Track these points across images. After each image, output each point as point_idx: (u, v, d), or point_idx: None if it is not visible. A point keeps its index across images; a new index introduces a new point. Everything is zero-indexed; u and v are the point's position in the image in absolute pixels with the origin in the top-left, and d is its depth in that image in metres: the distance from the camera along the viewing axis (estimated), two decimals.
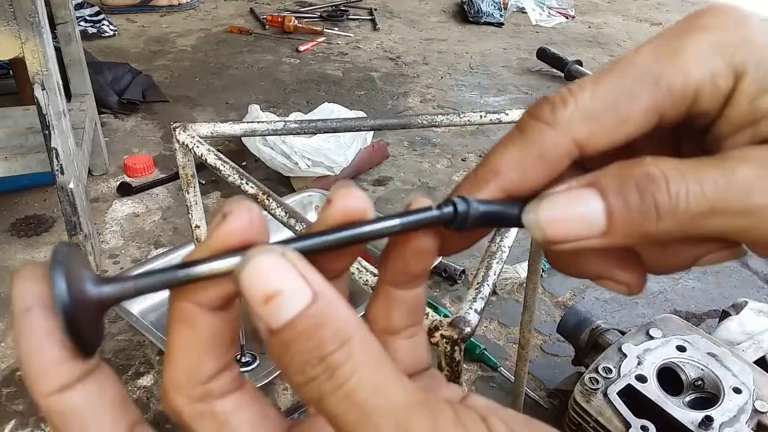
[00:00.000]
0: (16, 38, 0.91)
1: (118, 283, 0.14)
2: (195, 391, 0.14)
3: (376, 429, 0.12)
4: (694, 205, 0.14)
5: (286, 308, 0.12)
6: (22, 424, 0.86)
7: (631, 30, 2.42)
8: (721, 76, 0.14)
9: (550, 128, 0.15)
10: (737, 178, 0.14)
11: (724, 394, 0.68)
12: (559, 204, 0.15)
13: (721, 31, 0.15)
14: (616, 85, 0.15)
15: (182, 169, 0.57)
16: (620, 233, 0.14)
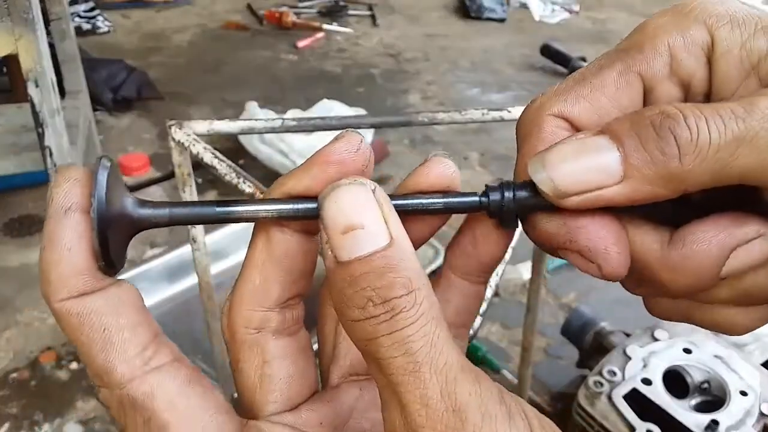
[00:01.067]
0: (9, 35, 0.89)
1: (154, 209, 0.14)
2: (256, 314, 0.15)
3: (422, 380, 0.12)
4: (717, 137, 0.13)
5: (364, 243, 0.12)
6: (16, 427, 0.85)
7: (636, 25, 2.40)
8: (692, 29, 0.14)
9: (529, 120, 0.15)
10: (759, 107, 0.13)
11: (731, 397, 0.67)
12: (568, 151, 0.14)
13: (687, 3, 0.15)
14: (586, 66, 0.16)
15: (178, 167, 0.55)
16: (639, 180, 0.13)
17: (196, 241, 0.57)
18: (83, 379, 0.92)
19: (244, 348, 0.15)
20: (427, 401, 0.12)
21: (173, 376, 0.14)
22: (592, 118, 0.15)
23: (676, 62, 0.14)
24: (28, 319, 1.02)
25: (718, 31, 0.14)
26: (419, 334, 0.12)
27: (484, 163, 1.46)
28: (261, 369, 0.15)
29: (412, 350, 0.12)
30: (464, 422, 0.12)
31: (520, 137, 0.16)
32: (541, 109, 0.15)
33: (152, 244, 1.19)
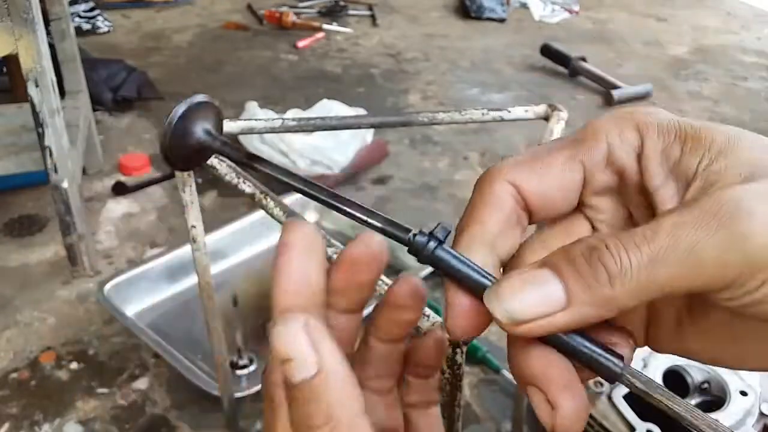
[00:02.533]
0: (9, 35, 0.89)
1: (216, 140, 0.18)
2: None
3: None
4: (636, 262, 0.15)
5: (294, 373, 0.15)
6: (16, 427, 0.85)
7: (637, 26, 2.40)
8: (626, 132, 0.17)
9: (486, 179, 0.18)
10: (662, 228, 0.15)
11: (730, 397, 0.67)
12: (517, 284, 0.16)
13: (625, 111, 0.18)
14: (542, 147, 0.18)
15: None
16: (581, 302, 0.15)
17: (196, 241, 0.57)
18: (83, 379, 0.92)
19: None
20: None
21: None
22: (536, 189, 0.18)
23: (612, 155, 0.18)
24: (28, 319, 1.02)
25: (646, 136, 0.17)
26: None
27: (484, 163, 1.46)
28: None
29: None
30: None
31: (475, 191, 0.18)
32: (498, 174, 0.18)
33: (153, 244, 1.19)
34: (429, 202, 1.33)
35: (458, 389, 0.39)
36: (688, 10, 2.58)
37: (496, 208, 0.17)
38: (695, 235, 0.14)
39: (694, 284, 0.15)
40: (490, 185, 0.18)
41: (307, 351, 0.15)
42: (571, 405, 0.16)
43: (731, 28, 2.43)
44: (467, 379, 0.90)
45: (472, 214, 0.18)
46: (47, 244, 1.16)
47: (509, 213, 0.17)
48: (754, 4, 2.64)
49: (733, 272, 0.14)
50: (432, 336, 0.20)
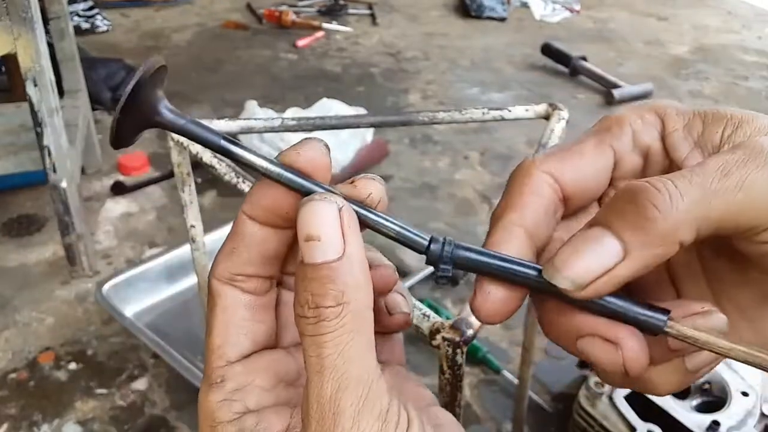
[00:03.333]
0: (8, 34, 0.89)
1: (175, 115, 0.16)
2: (225, 275, 0.18)
3: (322, 381, 0.15)
4: (686, 193, 0.15)
5: (317, 253, 0.15)
6: (15, 427, 0.85)
7: (638, 25, 2.40)
8: (647, 115, 0.18)
9: (518, 174, 0.18)
10: (709, 166, 0.15)
11: (732, 397, 0.67)
12: (567, 249, 0.16)
13: (644, 103, 0.19)
14: (569, 141, 0.19)
15: (177, 167, 0.55)
16: (639, 248, 0.15)
17: (195, 241, 0.57)
18: (82, 379, 0.91)
19: (214, 295, 0.18)
20: (320, 399, 0.15)
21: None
22: (573, 176, 0.18)
23: (637, 137, 0.18)
24: (26, 319, 1.01)
25: (666, 117, 0.18)
26: (332, 343, 0.15)
27: (484, 162, 1.46)
28: (225, 313, 0.18)
29: (323, 354, 0.15)
30: (336, 425, 0.14)
31: (511, 182, 0.18)
32: (533, 165, 0.18)
33: (152, 244, 1.19)
34: (429, 201, 1.32)
35: (458, 389, 0.38)
36: (689, 10, 2.57)
37: (536, 196, 0.17)
38: (744, 169, 0.15)
39: (744, 218, 0.15)
40: (528, 175, 0.18)
41: (336, 234, 0.15)
42: (634, 340, 0.16)
43: (732, 27, 2.42)
44: (467, 380, 0.89)
45: (510, 202, 0.17)
46: (46, 244, 1.16)
47: (548, 201, 0.17)
48: (755, 4, 2.64)
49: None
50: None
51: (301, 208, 0.15)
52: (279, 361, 0.18)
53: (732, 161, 0.15)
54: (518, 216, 0.17)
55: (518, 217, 0.17)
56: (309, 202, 0.15)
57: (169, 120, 0.16)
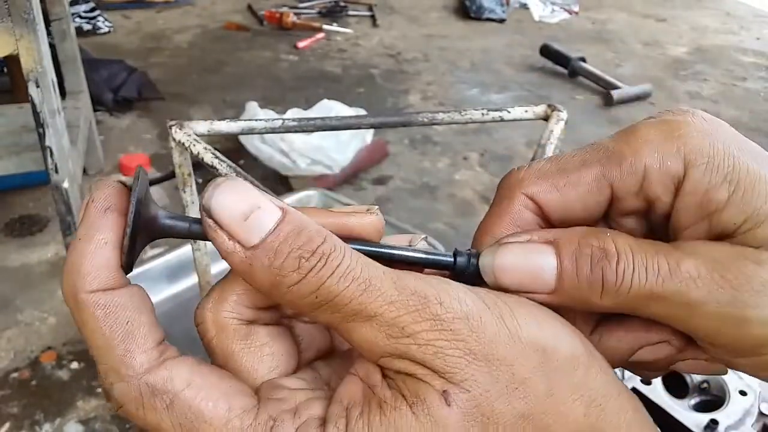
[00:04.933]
0: (10, 35, 0.89)
1: (177, 221, 0.16)
2: (247, 312, 0.16)
3: (376, 288, 0.14)
4: (636, 288, 0.15)
5: (268, 219, 0.14)
6: (17, 427, 0.85)
7: (636, 26, 2.40)
8: (670, 159, 0.16)
9: (505, 190, 0.18)
10: (680, 270, 0.15)
11: (730, 396, 0.67)
12: (514, 254, 0.16)
13: (678, 123, 0.16)
14: (572, 155, 0.17)
15: (178, 167, 0.55)
16: (566, 296, 0.16)
17: (196, 242, 0.57)
18: (84, 379, 0.92)
19: (238, 338, 0.16)
20: (389, 299, 0.14)
21: (184, 361, 0.15)
22: (557, 207, 0.17)
23: (647, 183, 0.16)
24: (28, 318, 1.02)
25: (692, 170, 0.16)
26: (353, 262, 0.14)
27: (483, 163, 1.47)
28: (261, 351, 0.16)
29: (357, 274, 0.14)
30: (426, 297, 0.14)
31: (496, 198, 0.18)
32: (519, 186, 0.17)
33: (152, 244, 1.19)
34: (429, 202, 1.33)
35: None
36: (688, 11, 2.58)
37: (512, 224, 0.17)
38: (698, 294, 0.15)
39: (685, 328, 0.16)
40: (509, 198, 0.17)
41: (266, 196, 0.14)
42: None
43: (730, 28, 2.43)
44: None
45: (487, 227, 0.18)
46: (48, 244, 1.16)
47: (524, 227, 0.17)
48: (754, 5, 2.64)
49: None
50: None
51: (215, 194, 0.14)
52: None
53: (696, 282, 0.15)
54: (491, 242, 0.17)
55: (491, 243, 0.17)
56: (221, 185, 0.14)
57: (172, 228, 0.15)
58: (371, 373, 0.15)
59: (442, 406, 0.14)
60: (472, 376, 0.14)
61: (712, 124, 0.16)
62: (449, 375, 0.14)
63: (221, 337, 0.16)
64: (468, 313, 0.14)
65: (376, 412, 0.14)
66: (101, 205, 0.15)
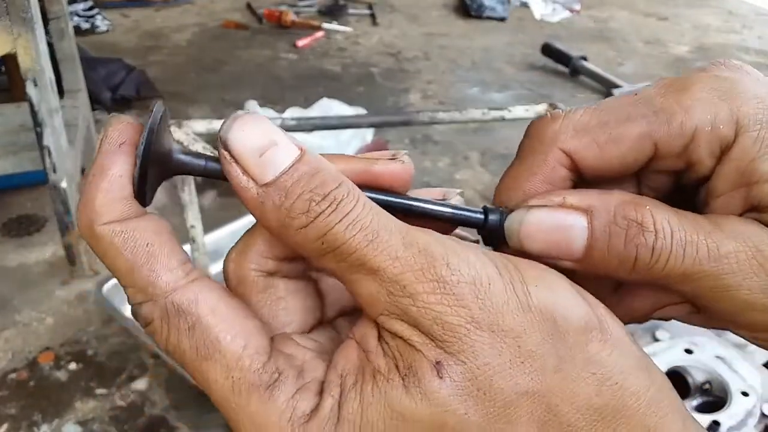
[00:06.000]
0: (8, 34, 0.89)
1: (193, 157, 0.15)
2: (269, 263, 0.16)
3: (384, 241, 0.13)
4: (671, 267, 0.15)
5: (284, 157, 0.13)
6: (15, 428, 0.85)
7: (638, 25, 2.39)
8: (722, 123, 0.15)
9: (538, 142, 0.16)
10: (719, 253, 0.14)
11: (732, 397, 0.67)
12: (545, 221, 0.15)
13: (733, 82, 0.15)
14: (614, 106, 0.16)
15: None
16: (593, 266, 0.15)
17: (195, 241, 0.57)
18: (82, 379, 0.91)
19: (256, 290, 0.16)
20: (395, 254, 0.13)
21: (211, 287, 0.15)
22: (594, 163, 0.16)
23: (694, 145, 0.15)
24: (26, 319, 1.01)
25: (742, 136, 0.15)
26: (365, 210, 0.14)
27: (484, 162, 1.46)
28: (276, 305, 0.16)
29: (366, 224, 0.13)
30: (433, 256, 0.13)
31: (526, 149, 0.16)
32: (555, 139, 0.16)
33: None
34: None
35: None
36: (690, 9, 2.57)
37: (545, 182, 0.16)
38: (734, 279, 0.14)
39: (707, 308, 0.15)
40: (543, 152, 0.16)
41: (285, 134, 0.14)
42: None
43: (733, 27, 2.42)
44: None
45: (518, 182, 0.16)
46: (46, 244, 1.15)
47: (558, 185, 0.16)
48: (756, 3, 2.63)
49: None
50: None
51: (232, 127, 0.13)
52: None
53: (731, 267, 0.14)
54: (523, 198, 0.16)
55: (523, 199, 0.16)
56: (238, 119, 0.14)
57: (188, 165, 0.15)
58: (368, 336, 0.14)
59: (433, 378, 0.13)
60: (471, 347, 0.13)
61: (766, 87, 0.15)
62: (446, 344, 0.13)
63: (240, 288, 0.16)
64: (476, 277, 0.13)
65: (369, 382, 0.14)
66: (115, 139, 0.14)
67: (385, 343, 0.14)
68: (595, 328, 0.14)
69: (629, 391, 0.14)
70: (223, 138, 0.14)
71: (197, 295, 0.14)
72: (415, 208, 0.15)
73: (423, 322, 0.13)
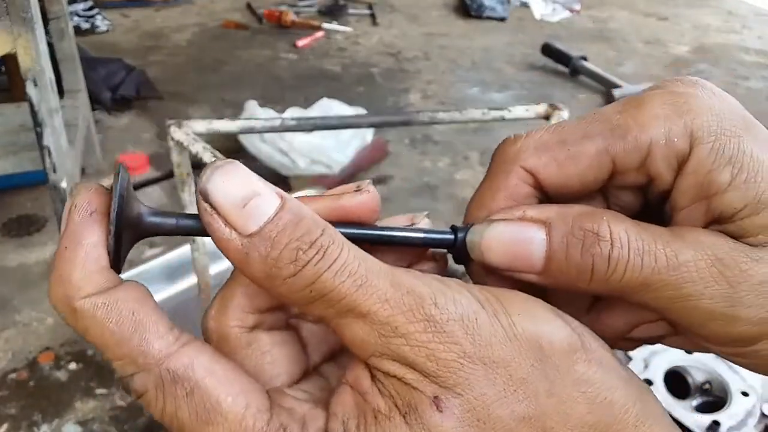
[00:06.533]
0: (8, 34, 0.89)
1: (164, 218, 0.15)
2: (250, 317, 0.16)
3: (372, 285, 0.14)
4: (629, 278, 0.15)
5: (266, 207, 0.13)
6: (15, 428, 0.85)
7: (638, 25, 2.39)
8: (677, 136, 0.15)
9: (501, 161, 0.17)
10: (678, 262, 0.14)
11: (732, 397, 0.67)
12: (504, 234, 0.16)
13: (687, 97, 0.16)
14: (572, 126, 0.16)
15: (177, 167, 0.55)
16: (553, 279, 0.15)
17: (195, 242, 0.57)
18: (82, 379, 0.91)
19: (240, 347, 0.16)
20: (384, 297, 0.14)
21: (203, 349, 0.15)
22: (556, 180, 0.16)
23: (651, 160, 0.16)
24: (26, 319, 1.01)
25: (697, 149, 0.15)
26: (351, 256, 0.14)
27: (484, 162, 1.46)
28: (262, 359, 0.16)
29: (354, 269, 0.14)
30: (421, 297, 0.14)
31: (491, 169, 0.17)
32: (517, 158, 0.16)
33: (152, 244, 1.19)
34: (429, 201, 1.32)
35: None
36: (690, 9, 2.57)
37: (508, 199, 0.17)
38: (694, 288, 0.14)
39: (670, 318, 0.15)
40: (505, 171, 0.16)
41: (265, 183, 0.14)
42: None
43: (732, 27, 2.42)
44: None
45: (483, 200, 0.17)
46: (46, 244, 1.16)
47: (521, 201, 0.17)
48: (756, 3, 2.64)
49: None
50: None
51: (212, 178, 0.13)
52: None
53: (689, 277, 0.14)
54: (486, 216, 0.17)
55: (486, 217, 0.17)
56: (218, 169, 0.13)
57: (159, 226, 0.15)
58: (361, 378, 0.14)
59: (434, 412, 0.13)
60: (466, 379, 0.13)
61: (721, 100, 0.16)
62: (441, 379, 0.13)
63: (223, 346, 0.16)
64: (463, 314, 0.14)
65: (372, 423, 0.14)
66: (84, 209, 0.14)
67: (380, 382, 0.14)
68: (578, 348, 0.14)
69: (618, 405, 0.14)
70: (203, 190, 0.14)
71: (192, 359, 0.14)
72: (387, 238, 0.16)
73: (417, 360, 0.13)
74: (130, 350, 0.14)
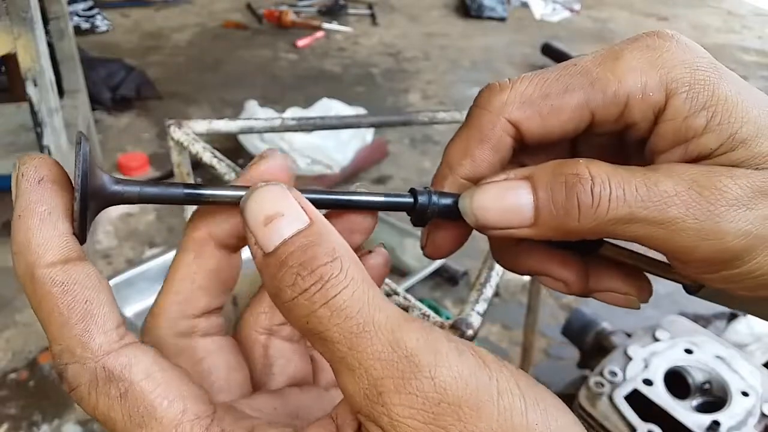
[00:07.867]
0: (8, 34, 0.89)
1: (125, 186, 0.15)
2: (182, 323, 0.16)
3: (368, 338, 0.12)
4: (614, 209, 0.15)
5: (285, 227, 0.13)
6: (15, 428, 0.85)
7: (638, 25, 2.40)
8: (652, 90, 0.16)
9: (487, 111, 0.17)
10: (658, 189, 0.15)
11: (732, 397, 0.67)
12: (491, 193, 0.16)
13: (662, 51, 0.16)
14: (554, 78, 0.17)
15: (177, 167, 0.55)
16: (546, 226, 0.16)
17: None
18: None
19: (174, 355, 0.16)
20: (378, 355, 0.12)
21: (146, 351, 0.14)
22: (537, 132, 0.17)
23: (628, 111, 0.16)
24: (27, 319, 1.01)
25: (673, 98, 0.16)
26: (354, 297, 0.13)
27: None
28: (199, 366, 0.16)
29: (352, 312, 0.13)
30: (418, 365, 0.12)
31: (474, 116, 0.17)
32: (503, 110, 0.17)
33: (151, 244, 1.19)
34: None
35: None
36: (689, 9, 2.57)
37: (493, 150, 0.17)
38: (677, 211, 0.15)
39: (663, 247, 0.15)
40: (491, 122, 0.17)
41: (296, 205, 0.14)
42: (573, 276, 0.18)
43: (732, 27, 2.42)
44: None
45: (467, 149, 0.17)
46: None
47: (503, 152, 0.17)
48: (755, 3, 2.64)
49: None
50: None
51: (249, 198, 0.14)
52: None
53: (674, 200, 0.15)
54: (470, 166, 0.17)
55: (470, 168, 0.17)
56: (256, 190, 0.14)
57: (123, 194, 0.15)
58: (346, 427, 0.14)
59: None
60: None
61: (694, 51, 0.17)
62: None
63: (162, 352, 0.15)
64: (463, 398, 0.12)
65: None
66: (33, 176, 0.14)
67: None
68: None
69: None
70: (241, 207, 0.14)
71: (131, 359, 0.14)
72: (349, 203, 0.16)
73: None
74: (71, 338, 0.13)
